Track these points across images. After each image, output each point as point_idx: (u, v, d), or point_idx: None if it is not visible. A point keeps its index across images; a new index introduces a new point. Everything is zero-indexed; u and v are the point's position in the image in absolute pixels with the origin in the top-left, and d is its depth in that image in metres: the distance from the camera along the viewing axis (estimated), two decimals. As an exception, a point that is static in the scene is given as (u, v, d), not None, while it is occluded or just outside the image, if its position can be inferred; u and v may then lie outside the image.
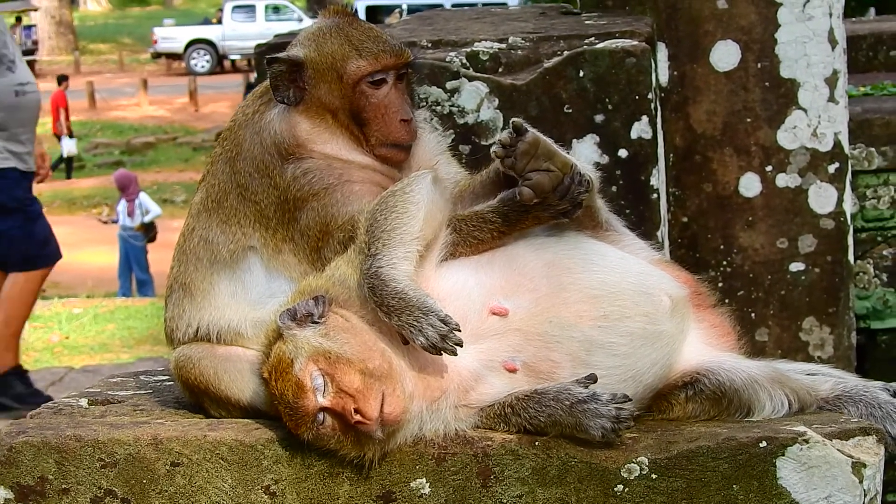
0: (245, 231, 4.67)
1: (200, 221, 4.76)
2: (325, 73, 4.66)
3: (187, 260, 4.75)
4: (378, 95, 4.67)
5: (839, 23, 7.27)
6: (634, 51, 5.91)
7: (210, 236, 4.72)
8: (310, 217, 4.59)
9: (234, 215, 4.69)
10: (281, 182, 4.62)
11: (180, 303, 4.74)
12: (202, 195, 4.80)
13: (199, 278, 4.71)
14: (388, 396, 4.12)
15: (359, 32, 4.71)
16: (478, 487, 4.24)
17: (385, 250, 4.25)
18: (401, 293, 4.16)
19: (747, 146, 7.28)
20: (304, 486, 4.28)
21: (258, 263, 4.67)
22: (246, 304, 4.66)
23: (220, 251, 4.69)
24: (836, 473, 4.20)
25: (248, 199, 4.67)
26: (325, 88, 4.67)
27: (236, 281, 4.69)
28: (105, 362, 17.38)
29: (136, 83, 51.07)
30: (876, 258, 8.81)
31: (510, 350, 4.30)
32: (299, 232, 4.61)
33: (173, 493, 4.32)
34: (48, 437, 4.38)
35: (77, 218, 33.29)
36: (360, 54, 4.66)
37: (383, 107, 4.67)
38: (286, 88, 4.67)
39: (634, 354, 4.35)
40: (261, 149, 4.66)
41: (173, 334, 4.77)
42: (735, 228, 7.35)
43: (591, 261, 4.43)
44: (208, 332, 4.66)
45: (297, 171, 4.61)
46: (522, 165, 4.35)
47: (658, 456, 4.20)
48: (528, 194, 4.33)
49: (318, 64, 4.67)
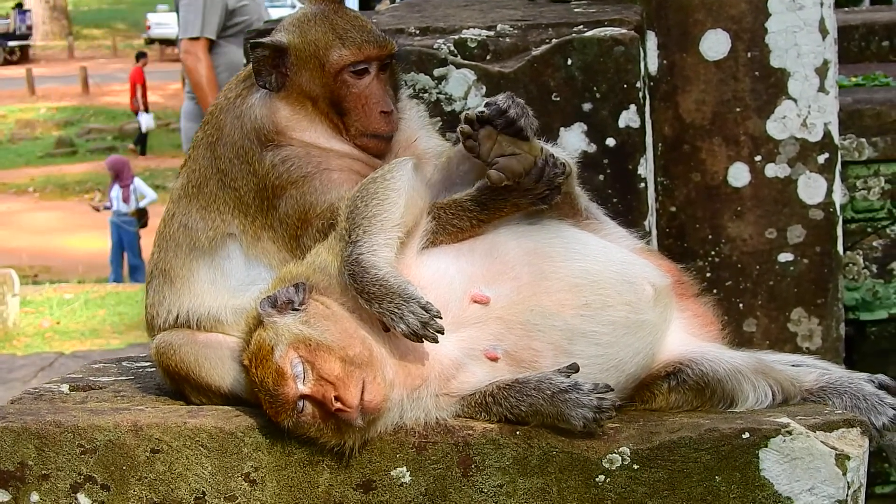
0: (224, 218, 4.65)
1: (181, 207, 4.73)
2: (307, 61, 4.64)
3: (167, 246, 4.73)
4: (360, 85, 4.65)
5: (830, 12, 7.25)
6: (623, 39, 5.89)
7: (189, 222, 4.70)
8: (288, 205, 4.57)
9: (214, 202, 4.67)
10: (260, 169, 4.60)
11: (160, 289, 4.72)
12: (183, 180, 4.77)
13: (178, 265, 4.69)
14: (368, 384, 4.10)
15: (343, 21, 4.69)
16: (458, 476, 4.22)
17: (366, 237, 4.23)
18: (381, 280, 4.14)
19: (736, 136, 7.26)
20: (284, 473, 4.26)
21: (238, 250, 4.65)
22: (226, 291, 4.64)
23: (200, 238, 4.67)
24: (819, 465, 4.18)
25: (227, 185, 4.64)
26: (306, 76, 4.64)
27: (215, 268, 4.67)
28: (95, 348, 17.39)
29: (129, 69, 50.95)
30: (866, 249, 8.80)
31: (491, 338, 4.29)
32: (278, 220, 4.59)
33: (153, 480, 4.30)
34: (28, 423, 4.36)
35: (69, 203, 33.26)
36: (344, 43, 4.64)
37: (364, 97, 4.65)
38: (268, 74, 4.65)
39: (617, 343, 4.33)
40: (241, 134, 4.64)
41: (153, 321, 4.75)
42: (723, 218, 7.33)
43: (573, 249, 4.41)
44: (188, 319, 4.64)
45: (276, 159, 4.59)
46: (486, 151, 4.32)
47: (640, 446, 4.19)
48: (497, 177, 4.30)
49: (300, 51, 4.64)
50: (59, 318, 20.23)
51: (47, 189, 35.36)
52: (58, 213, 31.69)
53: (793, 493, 4.18)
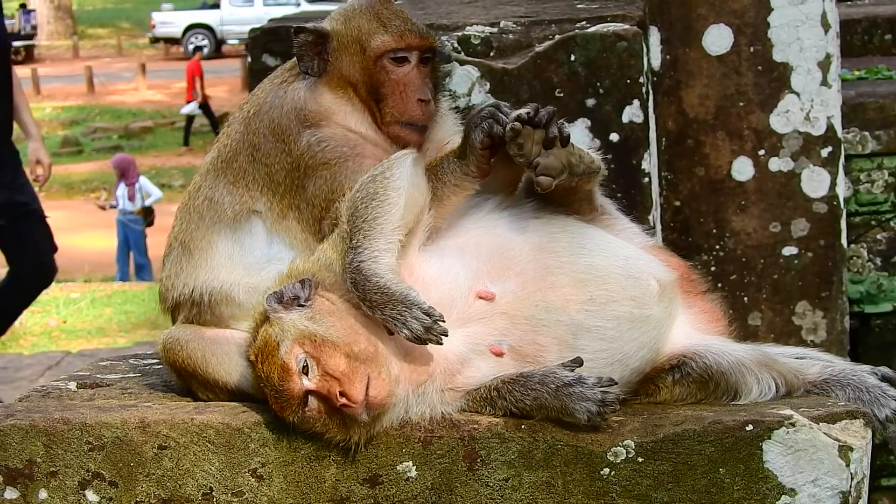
0: (252, 194, 4.69)
1: (208, 181, 4.78)
2: (348, 46, 4.72)
3: (190, 218, 4.77)
4: (399, 73, 4.71)
5: (832, 6, 7.27)
6: (626, 34, 5.90)
7: (216, 196, 4.74)
8: (318, 185, 4.61)
9: (243, 177, 4.71)
10: (295, 149, 4.64)
11: (178, 261, 4.76)
12: (213, 154, 4.83)
13: (198, 236, 4.73)
14: (373, 380, 4.12)
15: (388, 12, 4.78)
16: (464, 470, 4.24)
17: (366, 242, 4.24)
18: (383, 288, 4.16)
19: (740, 130, 7.28)
20: (291, 469, 4.28)
21: (261, 227, 4.69)
22: (241, 267, 4.67)
23: (225, 211, 4.71)
24: (822, 457, 4.19)
25: (258, 160, 4.69)
26: (347, 60, 4.72)
27: (236, 242, 4.70)
28: (102, 346, 17.41)
29: (134, 68, 50.98)
30: (870, 242, 8.82)
31: (497, 334, 4.30)
32: (305, 200, 4.63)
33: (161, 476, 4.33)
34: (36, 420, 4.38)
35: (75, 202, 33.28)
36: (386, 30, 4.71)
37: (402, 84, 4.70)
38: (310, 59, 4.73)
39: (621, 338, 4.35)
40: (279, 112, 4.70)
41: (167, 293, 4.78)
42: (727, 212, 7.35)
43: (578, 244, 4.42)
44: (202, 294, 4.67)
45: (313, 139, 4.64)
46: (529, 151, 4.33)
47: (644, 439, 4.20)
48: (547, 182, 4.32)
49: (343, 36, 4.73)
50: (66, 317, 20.26)
51: (53, 188, 35.32)
52: (63, 212, 31.64)
53: (796, 484, 4.19)
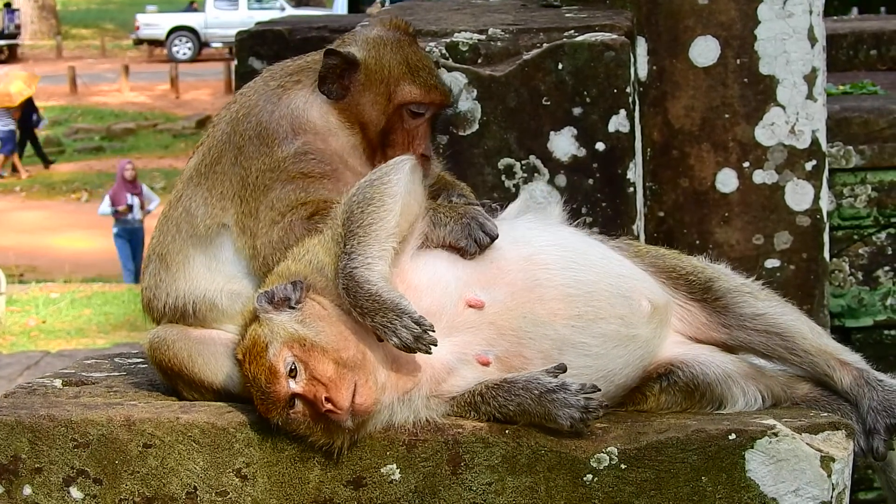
0: (224, 204, 4.67)
1: (188, 189, 4.76)
2: (375, 84, 4.70)
3: (167, 230, 4.76)
4: (412, 124, 4.73)
5: (819, 20, 7.29)
6: (613, 44, 5.93)
7: (192, 207, 4.73)
8: (287, 190, 4.59)
9: (221, 184, 4.69)
10: (279, 152, 4.62)
11: (157, 273, 4.75)
12: (197, 159, 4.80)
13: (174, 249, 4.73)
14: (360, 387, 4.13)
15: (417, 58, 4.77)
16: (448, 474, 4.25)
17: (360, 248, 4.23)
18: (374, 295, 4.16)
19: (725, 142, 7.30)
20: (276, 469, 4.29)
21: (229, 243, 4.67)
22: (221, 276, 4.67)
23: (198, 225, 4.70)
24: (804, 467, 4.22)
25: (239, 163, 4.66)
26: (370, 98, 4.70)
27: (211, 257, 4.69)
28: (81, 347, 17.40)
29: (117, 69, 50.86)
30: (852, 256, 8.85)
31: (484, 343, 4.31)
32: (268, 201, 4.60)
33: (145, 474, 4.33)
34: (22, 417, 4.38)
35: (56, 203, 33.23)
36: (415, 81, 4.71)
37: (412, 136, 4.73)
38: (333, 82, 4.69)
39: (607, 356, 4.36)
40: (269, 116, 4.67)
41: (151, 304, 4.78)
42: (711, 224, 7.36)
43: (569, 258, 4.42)
44: (185, 303, 4.67)
45: (302, 149, 4.62)
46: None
47: (628, 446, 4.22)
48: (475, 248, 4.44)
49: (372, 72, 4.70)
50: (45, 317, 20.24)
51: (34, 189, 35.29)
52: (44, 212, 31.64)
53: (778, 494, 4.22)
